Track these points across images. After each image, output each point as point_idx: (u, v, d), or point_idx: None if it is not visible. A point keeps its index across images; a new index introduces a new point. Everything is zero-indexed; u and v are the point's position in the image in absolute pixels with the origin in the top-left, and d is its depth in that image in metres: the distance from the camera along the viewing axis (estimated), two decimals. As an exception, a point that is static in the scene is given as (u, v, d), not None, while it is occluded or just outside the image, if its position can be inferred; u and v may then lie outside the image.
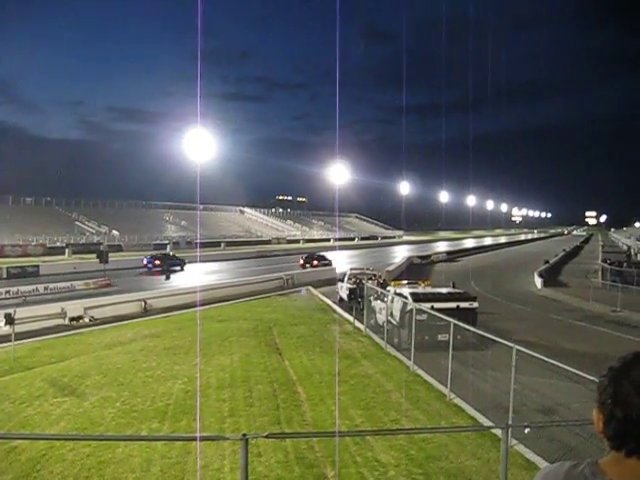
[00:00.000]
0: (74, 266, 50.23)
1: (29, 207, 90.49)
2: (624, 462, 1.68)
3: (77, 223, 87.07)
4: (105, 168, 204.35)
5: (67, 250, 69.13)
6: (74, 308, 26.45)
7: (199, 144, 73.38)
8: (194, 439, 11.60)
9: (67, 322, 25.55)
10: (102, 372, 16.71)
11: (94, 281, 39.06)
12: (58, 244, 73.11)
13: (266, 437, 8.95)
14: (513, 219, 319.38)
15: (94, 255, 47.73)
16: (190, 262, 59.31)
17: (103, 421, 12.55)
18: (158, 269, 51.84)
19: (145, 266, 54.02)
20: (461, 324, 15.45)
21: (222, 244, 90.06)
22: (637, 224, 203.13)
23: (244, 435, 6.70)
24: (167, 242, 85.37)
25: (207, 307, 29.45)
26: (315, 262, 61.33)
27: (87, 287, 37.89)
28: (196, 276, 46.17)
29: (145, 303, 29.40)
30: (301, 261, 60.86)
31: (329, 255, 63.45)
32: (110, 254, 46.08)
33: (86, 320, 26.04)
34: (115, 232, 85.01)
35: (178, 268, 54.02)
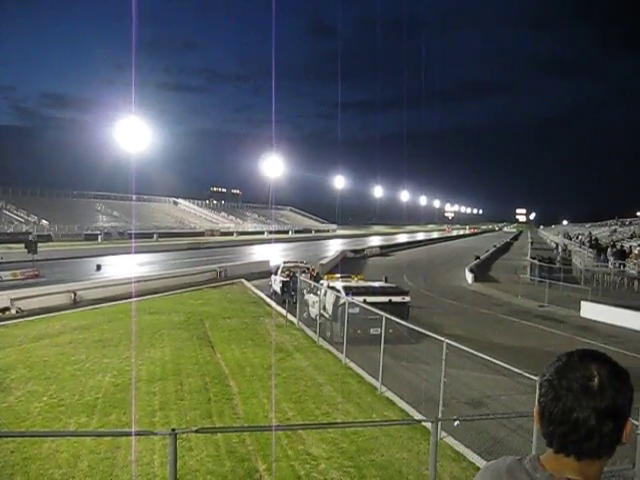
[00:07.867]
0: (1, 256, 48.63)
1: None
2: (558, 458, 1.72)
3: (5, 211, 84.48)
4: (36, 156, 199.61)
5: (-6, 239, 67.26)
6: (0, 299, 25.70)
7: (133, 134, 72.47)
8: (125, 434, 11.43)
9: (-8, 314, 24.83)
10: (28, 365, 16.24)
11: (22, 272, 38.04)
12: (-16, 233, 70.68)
13: (196, 432, 8.88)
14: (446, 215, 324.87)
15: (22, 245, 46.42)
16: (122, 253, 58.61)
17: (29, 416, 12.19)
18: None
19: None
20: (393, 318, 15.61)
21: (155, 235, 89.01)
22: (565, 222, 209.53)
23: (173, 430, 6.64)
24: (98, 232, 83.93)
25: (138, 299, 28.88)
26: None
27: (14, 278, 36.87)
28: (128, 267, 45.46)
29: (75, 294, 28.71)
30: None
31: (263, 248, 63.90)
32: (39, 244, 44.88)
33: (13, 312, 25.31)
34: (44, 222, 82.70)
35: None
